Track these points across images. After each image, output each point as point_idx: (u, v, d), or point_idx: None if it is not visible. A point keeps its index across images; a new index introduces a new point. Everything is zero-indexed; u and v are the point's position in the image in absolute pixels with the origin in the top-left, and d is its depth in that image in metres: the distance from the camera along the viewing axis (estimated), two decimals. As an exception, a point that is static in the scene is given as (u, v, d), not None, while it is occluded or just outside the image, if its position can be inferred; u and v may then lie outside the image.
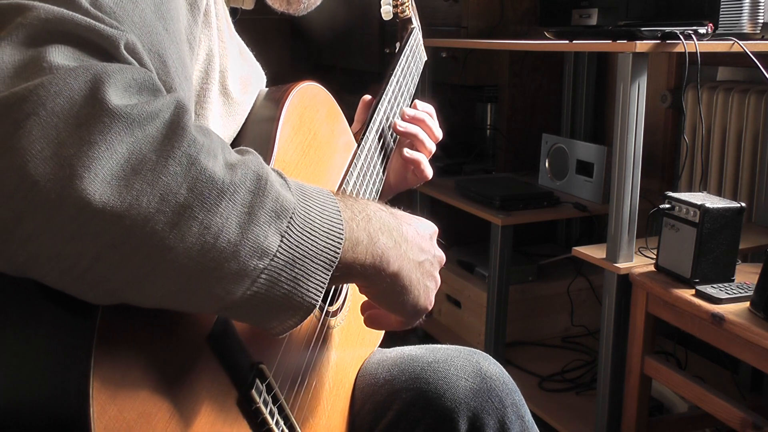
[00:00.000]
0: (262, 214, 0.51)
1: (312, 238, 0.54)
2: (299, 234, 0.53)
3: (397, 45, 1.15)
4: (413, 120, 0.99)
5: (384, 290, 0.65)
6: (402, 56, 1.09)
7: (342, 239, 0.56)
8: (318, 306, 0.56)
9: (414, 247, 0.67)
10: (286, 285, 0.53)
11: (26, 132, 0.43)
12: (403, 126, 0.98)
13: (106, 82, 0.46)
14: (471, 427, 0.83)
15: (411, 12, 1.17)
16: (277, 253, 0.52)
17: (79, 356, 0.47)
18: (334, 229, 0.56)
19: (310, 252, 0.54)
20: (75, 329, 0.48)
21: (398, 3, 1.15)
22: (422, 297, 0.69)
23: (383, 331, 0.98)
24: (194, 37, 0.63)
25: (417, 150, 0.99)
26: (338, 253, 0.56)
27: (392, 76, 1.03)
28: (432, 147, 1.00)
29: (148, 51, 0.52)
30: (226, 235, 0.49)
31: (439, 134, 1.01)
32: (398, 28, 1.18)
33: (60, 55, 0.46)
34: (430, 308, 0.70)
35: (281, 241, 0.52)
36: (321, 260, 0.54)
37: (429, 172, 0.99)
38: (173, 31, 0.56)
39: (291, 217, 0.53)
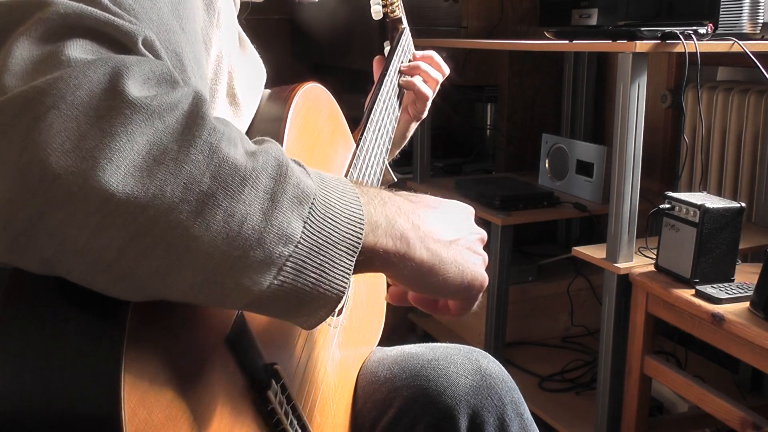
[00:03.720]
0: (284, 200, 0.50)
1: (334, 223, 0.54)
2: (321, 219, 0.53)
3: (387, 44, 1.16)
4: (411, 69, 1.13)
5: (411, 274, 0.62)
6: (394, 56, 1.10)
7: (363, 222, 0.56)
8: (346, 295, 0.55)
9: (437, 228, 0.64)
10: (313, 273, 0.52)
11: (47, 125, 0.43)
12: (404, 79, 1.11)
13: (125, 74, 0.46)
14: (471, 424, 0.83)
15: (401, 12, 1.17)
16: (301, 240, 0.51)
17: (110, 359, 0.46)
18: (355, 213, 0.56)
19: (333, 237, 0.53)
20: (105, 332, 0.48)
21: (387, 3, 1.15)
22: (467, 273, 0.64)
23: (381, 330, 0.98)
24: (209, 38, 0.63)
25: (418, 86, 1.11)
26: (361, 237, 0.55)
27: (386, 76, 1.04)
28: (435, 75, 1.14)
29: (165, 49, 0.52)
30: (251, 222, 0.48)
31: (445, 71, 1.16)
32: (389, 28, 1.18)
33: (78, 49, 0.46)
34: (483, 282, 0.66)
35: (304, 227, 0.51)
36: (344, 245, 0.54)
37: (424, 88, 1.12)
38: (190, 31, 0.56)
39: (312, 203, 0.52)
